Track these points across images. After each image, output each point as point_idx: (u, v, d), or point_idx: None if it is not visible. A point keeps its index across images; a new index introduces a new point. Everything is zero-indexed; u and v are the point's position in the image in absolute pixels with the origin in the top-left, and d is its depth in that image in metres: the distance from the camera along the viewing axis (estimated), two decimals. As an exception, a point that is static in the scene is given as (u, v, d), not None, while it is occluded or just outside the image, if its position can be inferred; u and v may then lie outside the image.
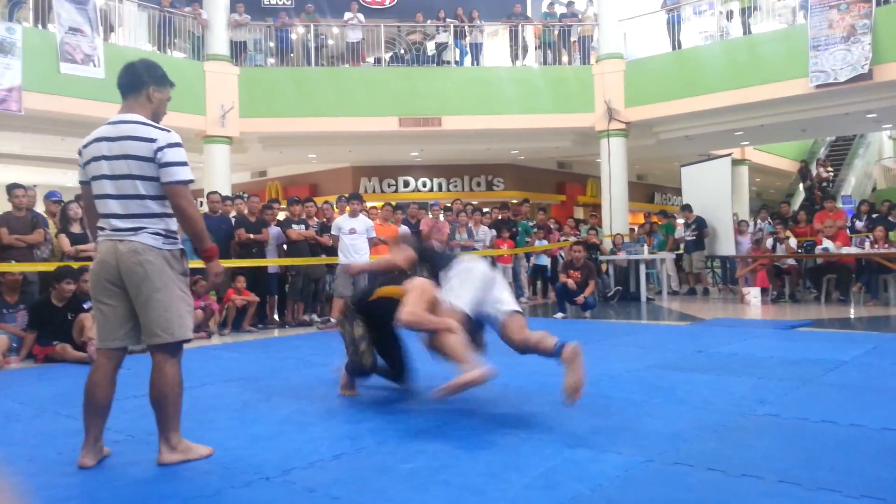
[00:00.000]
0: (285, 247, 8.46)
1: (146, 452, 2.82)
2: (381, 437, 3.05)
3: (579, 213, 18.06)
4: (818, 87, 10.68)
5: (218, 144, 12.41)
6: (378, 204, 10.02)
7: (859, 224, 10.92)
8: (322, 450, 2.86)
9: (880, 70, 10.23)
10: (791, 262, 10.19)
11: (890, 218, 10.30)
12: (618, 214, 12.92)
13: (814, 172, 17.78)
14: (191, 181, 2.74)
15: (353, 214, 8.15)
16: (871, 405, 3.45)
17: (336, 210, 9.24)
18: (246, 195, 9.55)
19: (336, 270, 8.09)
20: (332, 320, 8.02)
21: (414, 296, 3.42)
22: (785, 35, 11.47)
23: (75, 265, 6.29)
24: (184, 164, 2.72)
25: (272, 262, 8.34)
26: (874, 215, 10.76)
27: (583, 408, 3.35)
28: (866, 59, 10.24)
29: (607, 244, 11.81)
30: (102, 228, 2.75)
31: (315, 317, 8.52)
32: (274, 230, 8.44)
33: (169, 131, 2.76)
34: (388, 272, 4.10)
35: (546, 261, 11.62)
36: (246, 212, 8.60)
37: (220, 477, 2.56)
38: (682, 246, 11.68)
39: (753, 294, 9.56)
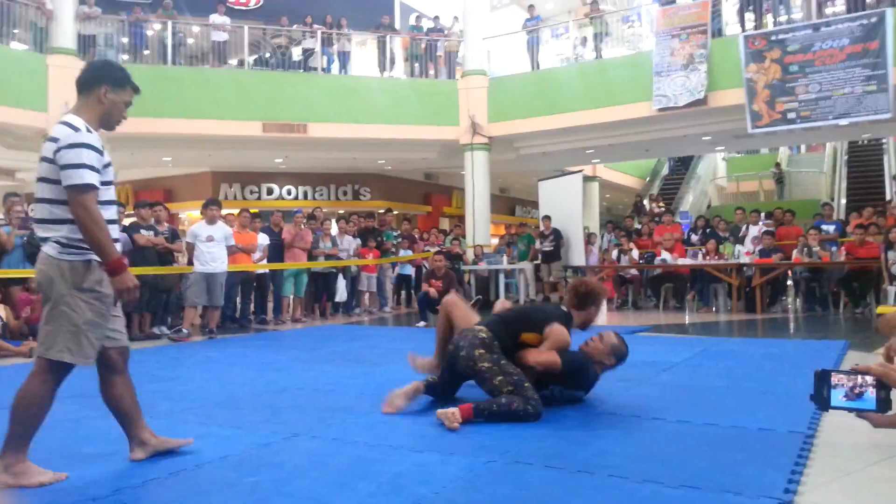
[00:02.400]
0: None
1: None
2: (224, 451, 2.93)
3: (445, 223, 18.39)
4: (660, 110, 11.57)
5: (59, 143, 11.47)
6: (234, 211, 9.67)
7: (694, 238, 11.92)
8: (160, 467, 2.71)
9: (714, 96, 11.25)
10: (634, 272, 10.96)
11: (720, 233, 11.32)
12: (480, 226, 13.29)
13: (647, 207, 19.18)
14: (89, 185, 2.50)
15: (211, 221, 7.90)
16: (696, 402, 3.77)
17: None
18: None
19: (191, 278, 7.74)
20: (185, 331, 7.65)
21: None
22: (632, 61, 12.35)
23: None
24: (81, 166, 2.49)
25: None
26: (707, 230, 11.78)
27: (432, 413, 3.40)
28: (703, 85, 11.22)
29: (470, 254, 12.11)
30: None
31: (165, 329, 8.07)
32: (120, 236, 7.90)
33: (78, 130, 2.54)
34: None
35: (410, 270, 11.74)
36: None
37: (41, 500, 2.36)
38: (539, 256, 12.21)
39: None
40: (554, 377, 3.63)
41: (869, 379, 1.04)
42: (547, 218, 12.14)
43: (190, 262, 8.02)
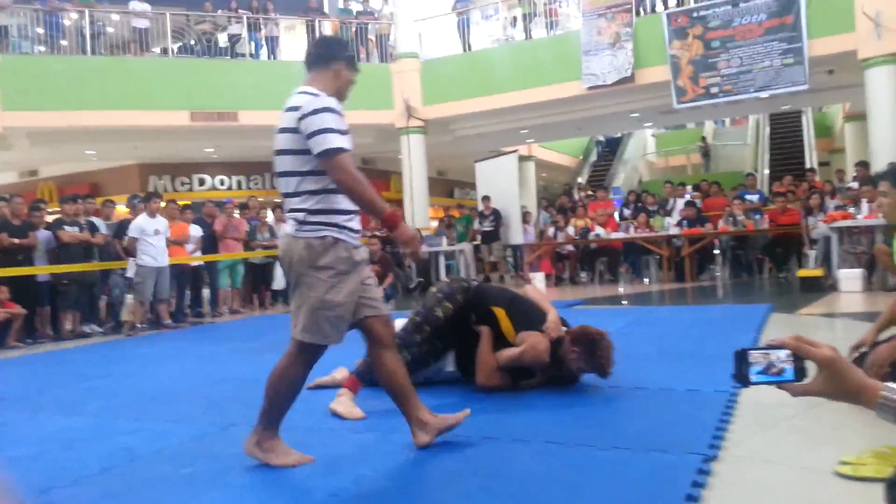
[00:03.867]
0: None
1: None
2: (159, 444, 2.88)
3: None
4: (589, 88, 11.76)
5: (-27, 140, 10.91)
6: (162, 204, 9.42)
7: (627, 212, 12.22)
8: (90, 465, 2.63)
9: (641, 74, 11.50)
10: (569, 248, 11.18)
11: (649, 206, 11.63)
12: (419, 209, 13.28)
13: (576, 196, 19.46)
14: (340, 149, 2.40)
15: (152, 214, 7.85)
16: (628, 368, 3.88)
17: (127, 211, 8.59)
18: (9, 196, 8.49)
19: (137, 273, 7.63)
20: (138, 326, 7.60)
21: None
22: (560, 41, 12.49)
23: None
24: (329, 130, 2.39)
25: (41, 270, 7.50)
26: (638, 204, 12.10)
27: (375, 395, 3.41)
28: (629, 63, 11.46)
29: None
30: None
31: (95, 327, 7.81)
32: (43, 234, 7.60)
33: (318, 95, 2.47)
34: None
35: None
36: (9, 214, 7.64)
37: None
38: (479, 237, 12.31)
39: (538, 278, 10.36)
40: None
41: (783, 353, 1.10)
42: (487, 198, 12.23)
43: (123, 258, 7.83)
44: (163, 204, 8.44)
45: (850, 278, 7.39)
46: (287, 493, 2.20)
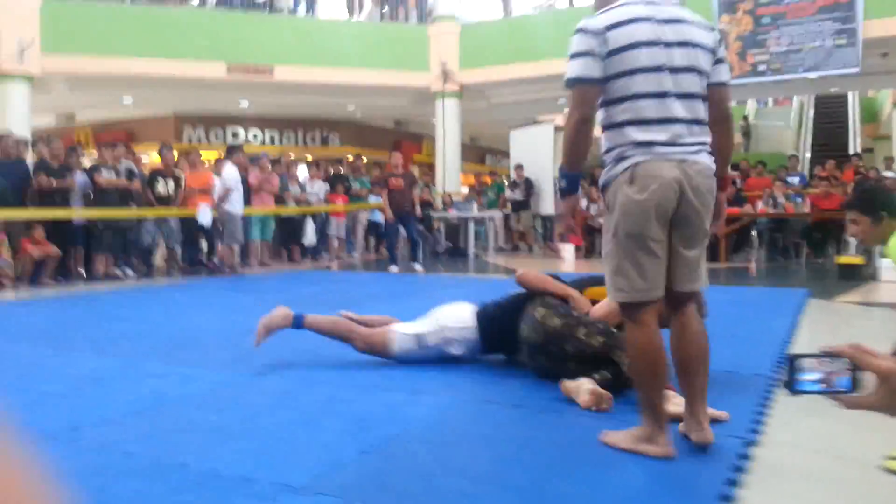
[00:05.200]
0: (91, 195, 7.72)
1: None
2: (187, 390, 2.88)
3: (415, 171, 18.19)
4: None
5: (15, 83, 10.95)
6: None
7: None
8: (119, 406, 2.64)
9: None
10: (601, 220, 11.01)
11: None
12: (451, 174, 13.18)
13: None
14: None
15: (239, 166, 8.32)
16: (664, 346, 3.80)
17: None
18: (47, 138, 8.57)
19: (230, 219, 8.16)
20: (225, 267, 8.30)
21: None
22: (606, 9, 12.13)
23: None
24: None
25: (78, 214, 7.57)
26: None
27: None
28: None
29: (439, 202, 12.05)
30: (640, 144, 2.02)
31: (129, 270, 7.91)
32: (80, 177, 7.66)
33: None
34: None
35: (380, 217, 11.61)
36: (48, 156, 7.70)
37: None
38: (509, 205, 12.19)
39: (567, 250, 10.23)
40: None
41: (840, 362, 1.01)
42: (520, 167, 12.07)
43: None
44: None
45: (890, 268, 7.16)
46: (317, 447, 2.18)
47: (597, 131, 2.19)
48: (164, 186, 8.33)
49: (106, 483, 1.87)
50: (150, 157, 9.55)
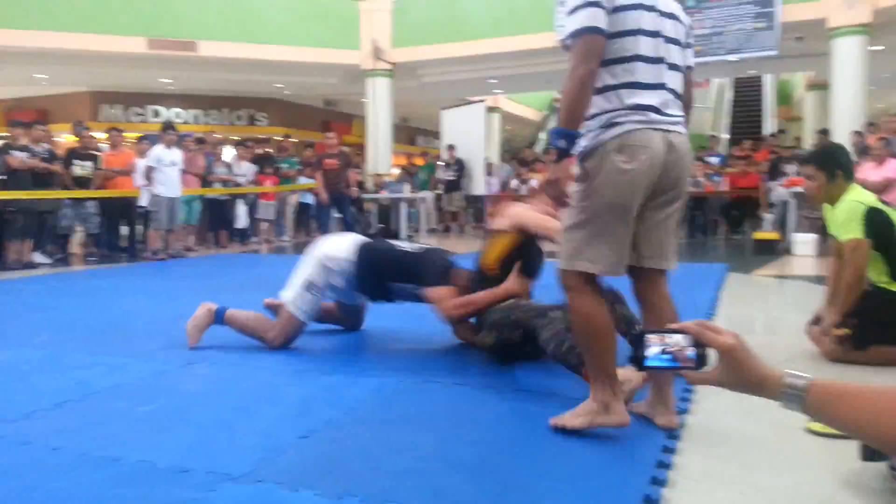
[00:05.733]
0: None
1: None
2: (115, 380, 2.77)
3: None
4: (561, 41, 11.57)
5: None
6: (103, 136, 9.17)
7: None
8: (43, 399, 2.51)
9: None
10: (534, 201, 11.20)
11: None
12: (382, 155, 13.07)
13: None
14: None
15: (169, 145, 8.07)
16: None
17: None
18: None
19: (153, 202, 7.97)
20: (153, 251, 8.05)
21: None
22: (536, -12, 12.22)
23: None
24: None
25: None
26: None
27: (338, 339, 3.36)
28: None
29: (370, 183, 11.94)
30: (634, 109, 1.95)
31: (44, 257, 7.52)
32: (-10, 158, 7.22)
33: None
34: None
35: (311, 198, 11.43)
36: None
37: None
38: (441, 186, 12.21)
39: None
40: None
41: (683, 338, 1.03)
42: (451, 147, 12.08)
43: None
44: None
45: (803, 242, 7.57)
46: (255, 434, 2.14)
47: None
48: (81, 167, 7.94)
49: (31, 481, 1.79)
50: (65, 138, 9.08)
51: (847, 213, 2.94)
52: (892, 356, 2.88)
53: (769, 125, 17.62)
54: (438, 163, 13.19)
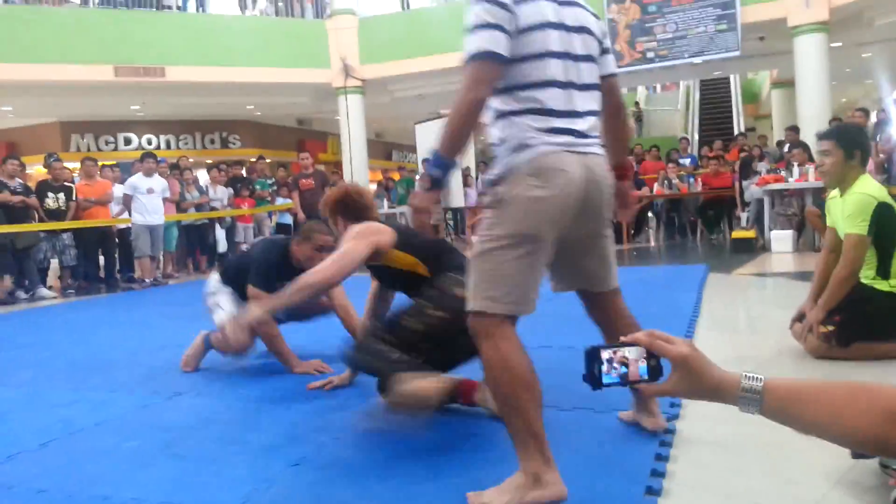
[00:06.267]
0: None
1: None
2: (99, 417, 2.72)
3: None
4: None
5: None
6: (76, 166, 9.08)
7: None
8: (27, 439, 2.46)
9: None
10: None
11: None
12: (358, 171, 13.05)
13: None
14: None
15: (148, 173, 8.13)
16: (576, 330, 3.90)
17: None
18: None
19: (134, 231, 8.10)
20: (145, 280, 8.10)
21: None
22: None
23: None
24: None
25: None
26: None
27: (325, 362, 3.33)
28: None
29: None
30: (546, 132, 1.78)
31: (21, 293, 7.39)
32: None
33: None
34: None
35: (289, 219, 11.36)
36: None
37: None
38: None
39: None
40: None
41: (636, 351, 1.01)
42: (427, 161, 12.10)
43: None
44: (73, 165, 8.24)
45: (780, 239, 7.67)
46: (244, 465, 2.11)
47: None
48: (54, 200, 7.83)
49: (18, 526, 1.75)
50: (36, 170, 8.97)
51: (857, 205, 2.86)
52: (875, 352, 2.90)
53: (738, 124, 17.90)
54: (418, 177, 13.20)
